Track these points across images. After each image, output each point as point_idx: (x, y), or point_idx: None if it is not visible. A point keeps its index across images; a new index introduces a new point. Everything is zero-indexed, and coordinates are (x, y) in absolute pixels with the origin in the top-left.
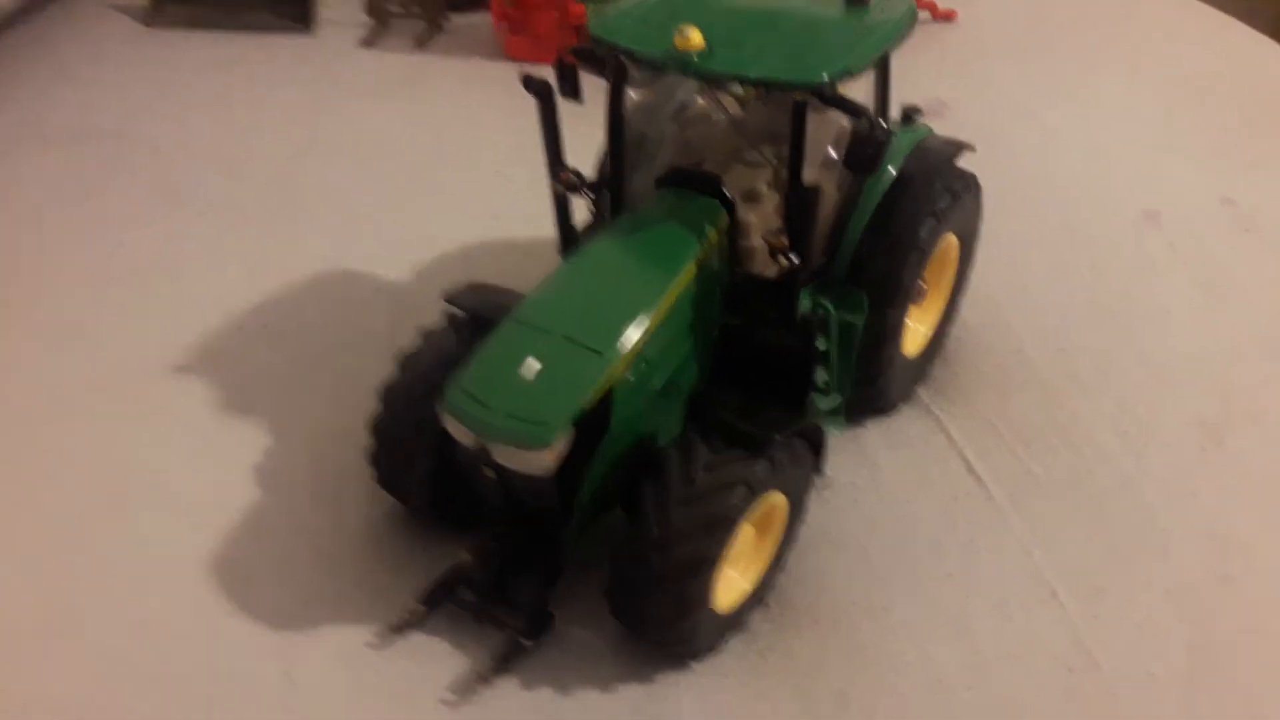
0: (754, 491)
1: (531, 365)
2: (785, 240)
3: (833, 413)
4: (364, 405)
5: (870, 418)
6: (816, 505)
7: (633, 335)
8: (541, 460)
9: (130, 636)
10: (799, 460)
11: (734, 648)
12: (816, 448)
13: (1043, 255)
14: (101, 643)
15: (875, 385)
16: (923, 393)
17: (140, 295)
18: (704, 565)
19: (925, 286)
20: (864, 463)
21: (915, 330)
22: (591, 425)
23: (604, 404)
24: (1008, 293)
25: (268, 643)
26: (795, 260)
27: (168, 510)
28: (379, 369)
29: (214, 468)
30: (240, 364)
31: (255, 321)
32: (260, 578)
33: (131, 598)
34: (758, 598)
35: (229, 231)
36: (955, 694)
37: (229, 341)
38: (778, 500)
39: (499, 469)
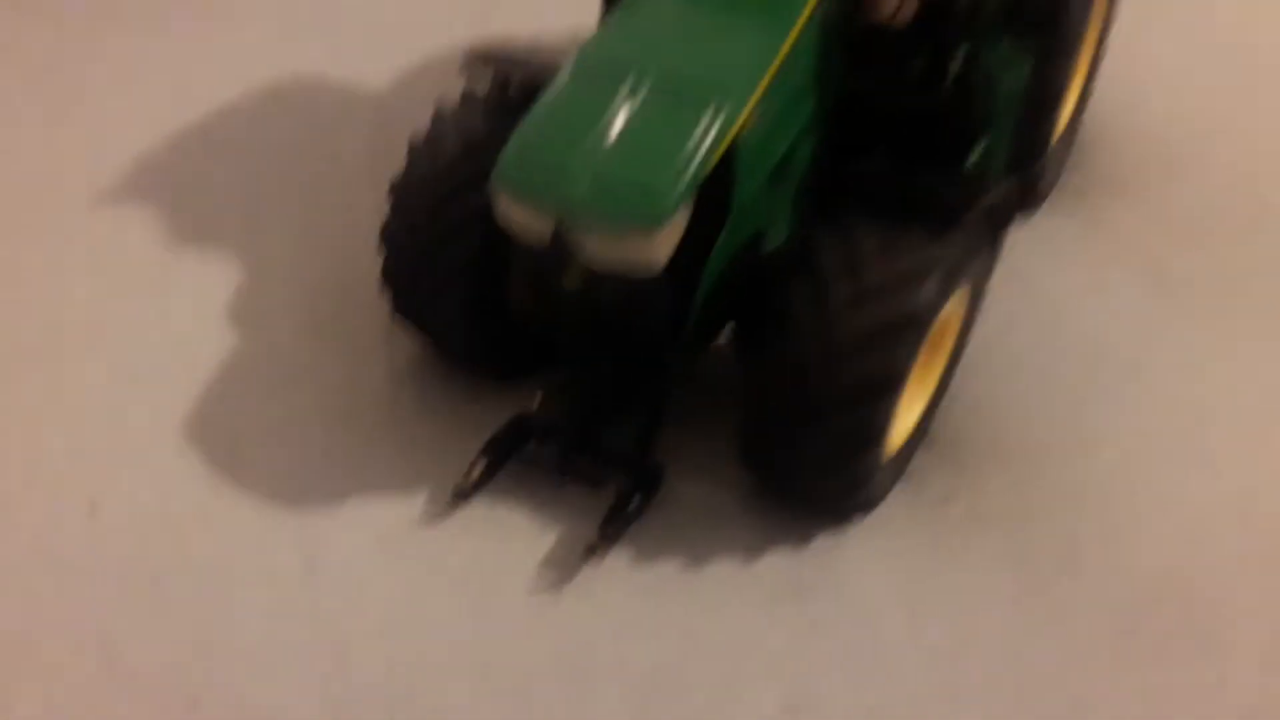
0: (950, 282)
1: (627, 114)
2: None
3: None
4: (356, 234)
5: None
6: None
7: (755, 77)
8: (652, 250)
9: (81, 524)
10: (985, 245)
11: (900, 500)
12: (998, 228)
13: (1169, 29)
14: (49, 538)
15: (1030, 170)
16: (1066, 188)
17: (53, 122)
18: (886, 389)
19: None
20: (1012, 272)
21: None
22: (710, 203)
23: (725, 169)
24: (1140, 69)
25: (279, 528)
26: None
27: (120, 370)
28: (365, 195)
29: (174, 314)
30: (186, 189)
31: (198, 139)
32: (255, 446)
33: (81, 475)
34: (921, 434)
35: (154, 43)
36: (1218, 545)
37: (167, 163)
38: (959, 301)
39: (585, 274)
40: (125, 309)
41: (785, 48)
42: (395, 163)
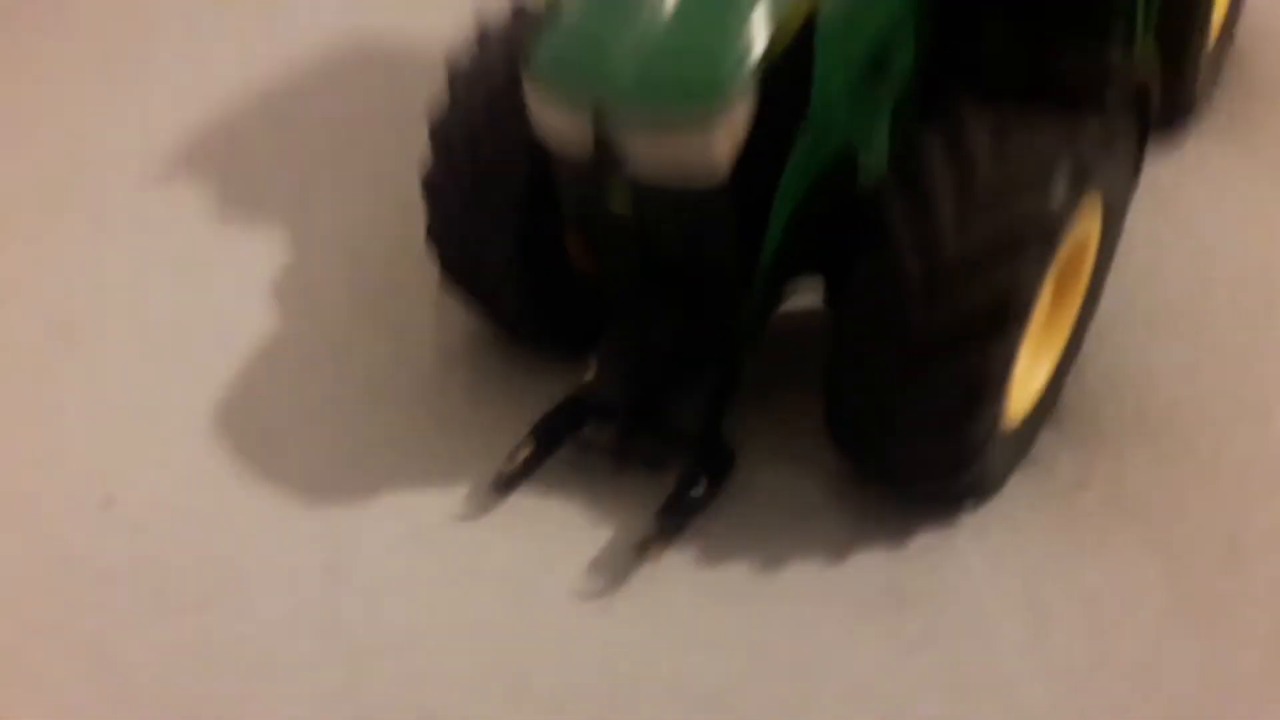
0: (1085, 177)
1: None
2: None
3: None
4: (412, 201)
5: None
6: None
7: None
8: (709, 147)
9: (93, 521)
10: (1127, 142)
11: (1023, 489)
12: (1143, 128)
13: None
14: (58, 532)
15: (1180, 70)
16: (1217, 105)
17: (104, 90)
18: (1007, 318)
19: None
20: (1160, 204)
21: None
22: (783, 95)
23: (800, 52)
24: None
25: (301, 524)
26: None
27: (155, 350)
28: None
29: (214, 292)
30: (237, 163)
31: (256, 109)
32: (289, 433)
33: (99, 468)
34: (1048, 406)
35: (222, 10)
36: None
37: (219, 137)
38: (1093, 217)
39: (635, 192)
40: (168, 286)
41: None
42: None
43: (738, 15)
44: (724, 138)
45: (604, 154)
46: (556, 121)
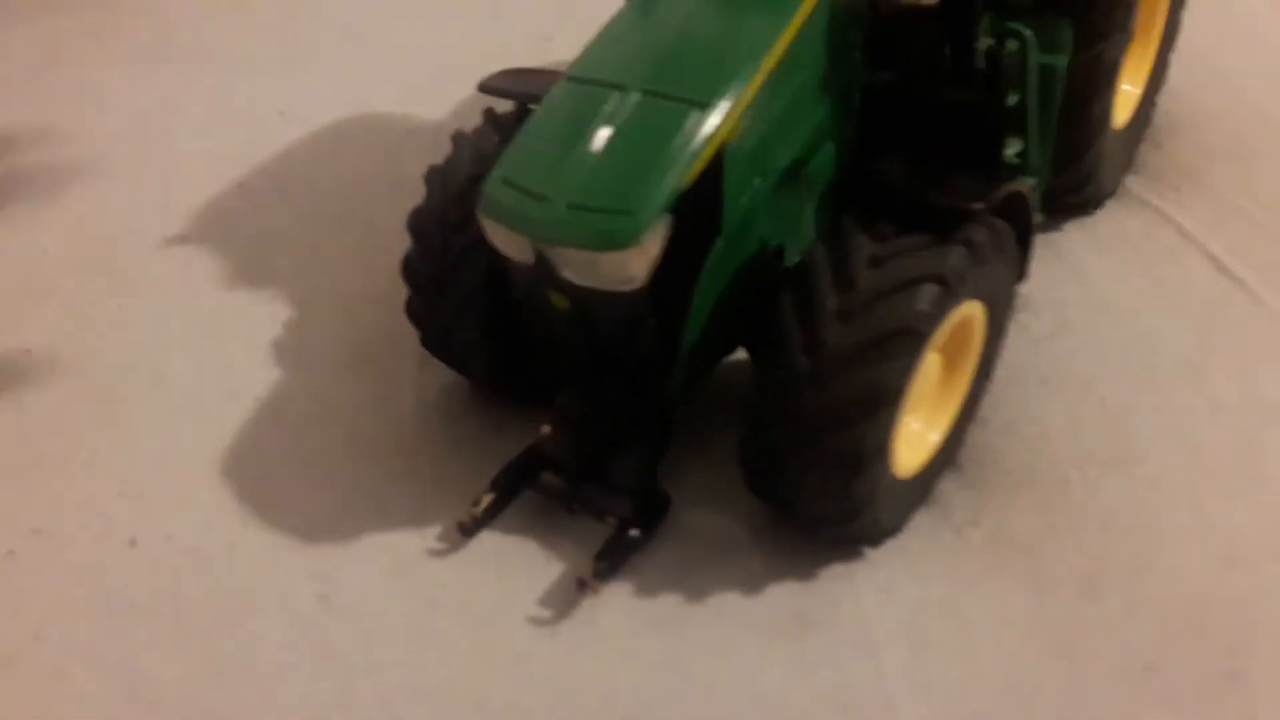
0: (949, 292)
1: (601, 132)
2: None
3: None
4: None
5: (1067, 218)
6: (1012, 332)
7: (741, 79)
8: (628, 267)
9: (122, 558)
10: (1001, 251)
11: (922, 526)
12: (1022, 232)
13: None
14: (92, 571)
15: (1080, 164)
16: (1132, 182)
17: (127, 162)
18: (879, 404)
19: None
20: (1069, 274)
21: (1119, 93)
22: (695, 218)
23: (710, 182)
24: (1225, 42)
25: (297, 559)
26: None
27: (168, 404)
28: None
29: (222, 349)
30: (249, 229)
31: (265, 180)
32: (285, 477)
33: (126, 511)
34: (947, 457)
35: (230, 84)
36: (1258, 571)
37: (234, 205)
38: (974, 312)
39: (571, 292)
40: (183, 346)
41: (781, 44)
42: None
43: (651, 162)
44: (639, 262)
45: (543, 264)
46: (503, 242)
